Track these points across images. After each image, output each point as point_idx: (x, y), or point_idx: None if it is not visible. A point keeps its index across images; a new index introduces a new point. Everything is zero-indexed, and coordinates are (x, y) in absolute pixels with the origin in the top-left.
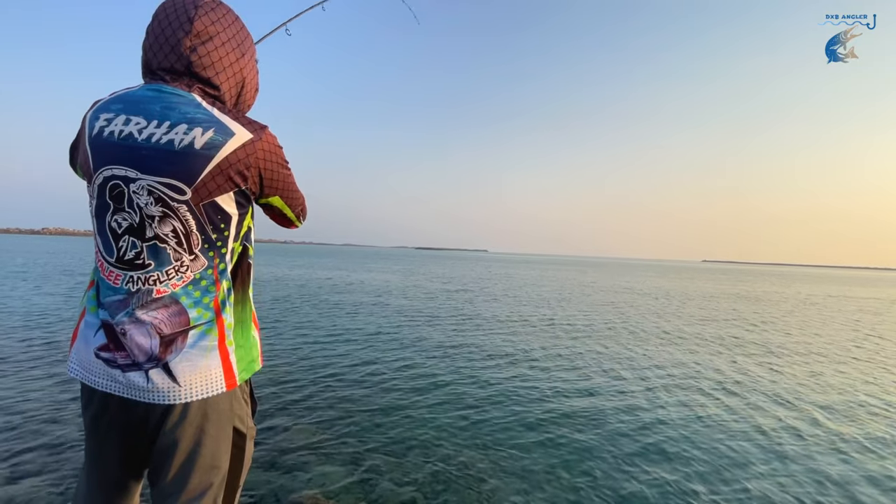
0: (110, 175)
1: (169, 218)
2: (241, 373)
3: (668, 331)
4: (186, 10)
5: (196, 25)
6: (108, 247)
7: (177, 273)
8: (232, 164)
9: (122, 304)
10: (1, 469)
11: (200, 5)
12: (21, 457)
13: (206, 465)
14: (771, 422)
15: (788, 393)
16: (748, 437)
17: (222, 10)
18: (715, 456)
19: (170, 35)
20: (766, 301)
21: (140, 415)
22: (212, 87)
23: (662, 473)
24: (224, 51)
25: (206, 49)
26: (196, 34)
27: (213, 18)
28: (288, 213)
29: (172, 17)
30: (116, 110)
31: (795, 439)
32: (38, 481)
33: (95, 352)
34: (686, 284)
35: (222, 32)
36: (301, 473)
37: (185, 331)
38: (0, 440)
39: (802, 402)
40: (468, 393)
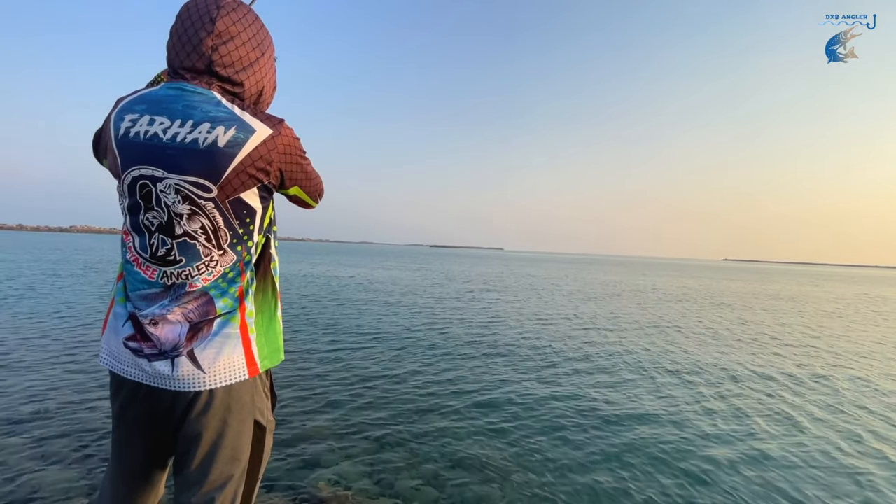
0: (138, 175)
1: (197, 215)
2: (262, 360)
3: (711, 333)
4: (209, 10)
5: (218, 25)
6: (142, 244)
7: (207, 268)
8: (254, 161)
9: (159, 297)
10: (33, 456)
11: (222, 6)
12: (52, 444)
13: (228, 457)
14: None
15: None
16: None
17: (243, 10)
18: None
19: (192, 35)
20: (804, 300)
21: (167, 404)
22: (232, 84)
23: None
24: (245, 50)
25: (227, 48)
26: (218, 34)
27: (235, 18)
28: (306, 199)
29: (195, 18)
30: (141, 111)
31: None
32: (68, 468)
33: (124, 341)
34: (713, 284)
35: (243, 32)
36: (317, 466)
37: (211, 320)
38: (32, 428)
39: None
40: (495, 394)
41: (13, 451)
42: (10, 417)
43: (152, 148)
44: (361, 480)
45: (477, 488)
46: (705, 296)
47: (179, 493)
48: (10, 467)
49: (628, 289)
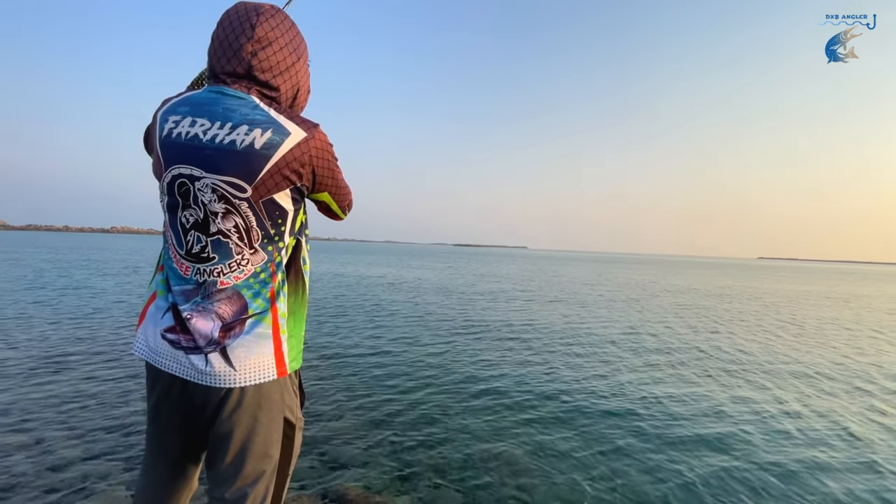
0: (178, 174)
1: (231, 214)
2: (290, 362)
3: (769, 334)
4: (249, 16)
5: (257, 31)
6: (179, 240)
7: (238, 266)
8: (288, 163)
9: (191, 294)
10: (75, 448)
11: (262, 12)
12: (94, 436)
13: (260, 453)
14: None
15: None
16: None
17: (281, 16)
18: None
19: (233, 41)
20: (859, 300)
21: (200, 399)
22: (269, 89)
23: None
24: (282, 55)
25: (265, 54)
26: (257, 39)
27: (273, 24)
28: (334, 208)
29: (236, 24)
30: (183, 112)
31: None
32: (109, 460)
33: (162, 333)
34: (756, 284)
35: (281, 38)
36: (345, 464)
37: (244, 319)
38: (75, 420)
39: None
40: (528, 400)
41: (61, 442)
42: (59, 410)
43: (192, 148)
44: (387, 480)
45: (503, 492)
46: (751, 296)
47: (213, 489)
48: (60, 457)
49: (665, 288)
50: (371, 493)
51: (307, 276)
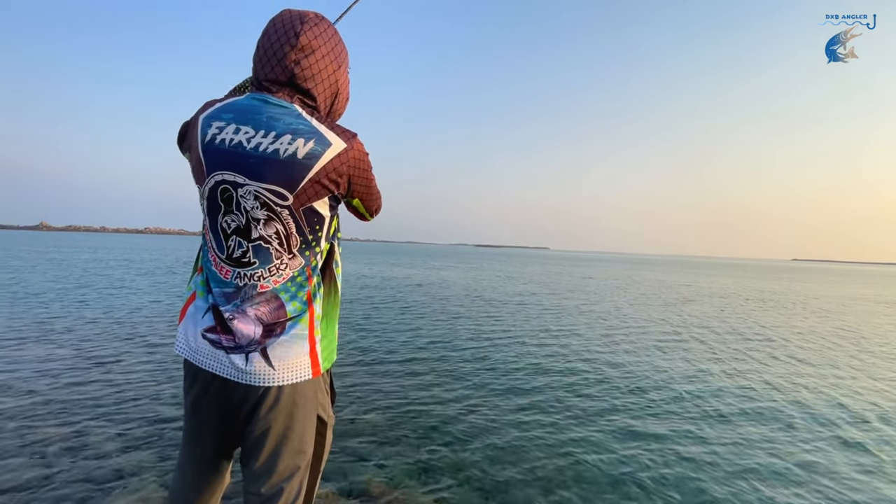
0: (221, 179)
1: (273, 221)
2: (323, 361)
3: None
4: (293, 25)
5: (301, 40)
6: (219, 244)
7: (278, 271)
8: (328, 173)
9: (231, 297)
10: (112, 441)
11: (306, 21)
12: (129, 430)
13: (295, 449)
14: None
15: None
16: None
17: (324, 24)
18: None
19: (277, 49)
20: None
21: (238, 397)
22: (310, 97)
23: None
24: (324, 63)
25: (308, 62)
26: (301, 48)
27: (317, 33)
28: (362, 211)
29: (280, 33)
30: (227, 119)
31: None
32: (143, 453)
33: (203, 333)
34: (797, 286)
35: (323, 46)
36: (368, 462)
37: (284, 321)
38: (112, 414)
39: None
40: (560, 404)
41: (98, 435)
42: (98, 404)
43: (236, 155)
44: (409, 476)
45: (526, 492)
46: (795, 301)
47: (249, 483)
48: (96, 449)
49: (703, 292)
50: (393, 488)
51: (339, 279)
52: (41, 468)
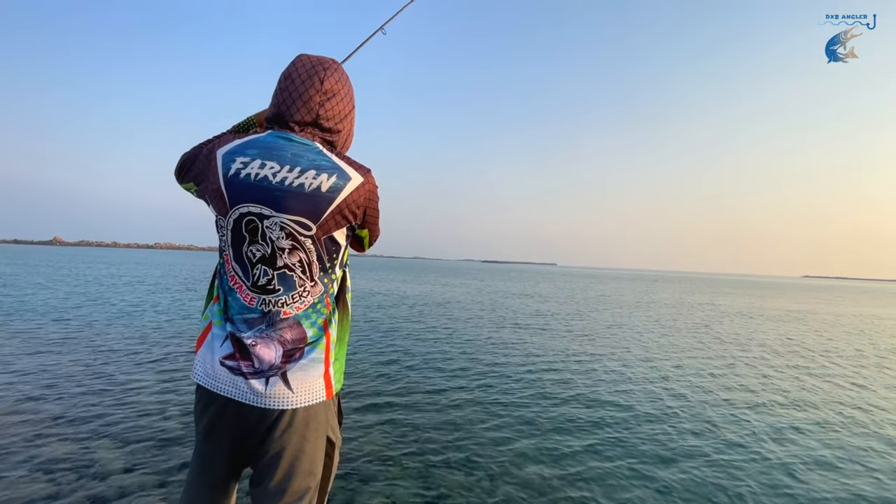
0: (246, 212)
1: (297, 250)
2: (336, 384)
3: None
4: (317, 71)
5: (325, 84)
6: (245, 273)
7: (300, 297)
8: (348, 205)
9: (255, 323)
10: (118, 461)
11: (327, 67)
12: (135, 449)
13: (306, 470)
14: None
15: None
16: None
17: (341, 70)
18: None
19: (303, 92)
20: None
21: (254, 421)
22: (330, 134)
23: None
24: (342, 105)
25: (330, 104)
26: (324, 92)
27: (337, 78)
28: (365, 242)
29: (305, 78)
30: (252, 154)
31: None
32: (148, 473)
33: (221, 360)
34: (818, 307)
35: (342, 90)
36: (372, 483)
37: (302, 347)
38: (118, 433)
39: None
40: (577, 429)
41: (104, 453)
42: (106, 423)
43: (262, 189)
44: (413, 497)
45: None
46: (822, 321)
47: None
48: (102, 467)
49: (728, 311)
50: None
51: (350, 304)
52: (48, 485)
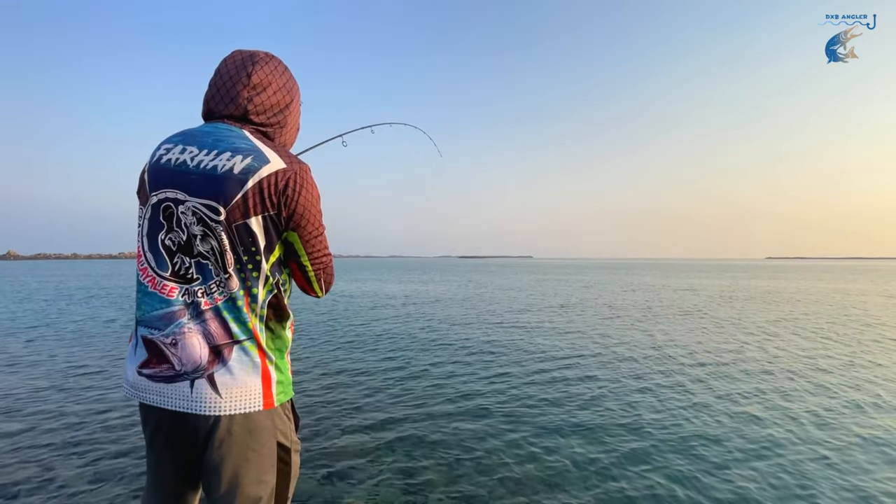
0: (164, 197)
1: (208, 237)
2: (278, 395)
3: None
4: (245, 65)
5: (253, 79)
6: (161, 263)
7: (218, 288)
8: (263, 188)
9: (177, 316)
10: (81, 478)
11: (257, 61)
12: (98, 463)
13: (254, 480)
14: None
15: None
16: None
17: (274, 62)
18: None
19: (230, 87)
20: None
21: (191, 427)
22: (263, 126)
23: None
24: (276, 98)
25: (260, 98)
26: (253, 86)
27: (268, 71)
28: (306, 266)
29: (233, 72)
30: (176, 141)
31: None
32: (114, 488)
33: (137, 370)
34: (788, 285)
35: (275, 82)
36: (350, 484)
37: (231, 344)
38: (79, 450)
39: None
40: (540, 416)
41: (67, 470)
42: (66, 438)
43: (179, 173)
44: (395, 496)
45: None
46: (798, 298)
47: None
48: (65, 485)
49: (714, 294)
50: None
51: (290, 316)
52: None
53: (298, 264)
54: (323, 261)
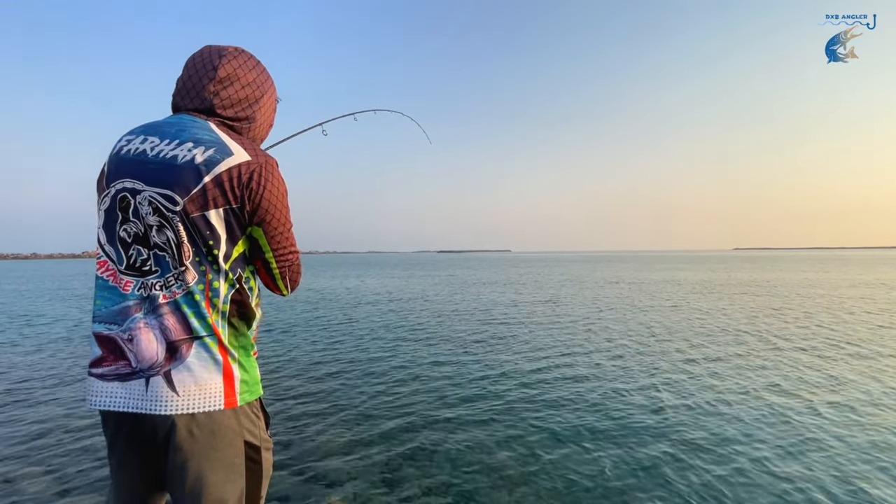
0: (121, 188)
1: (164, 228)
2: (242, 394)
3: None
4: (212, 59)
5: (219, 72)
6: (118, 255)
7: (176, 281)
8: (224, 181)
9: (133, 310)
10: (47, 486)
11: (224, 54)
12: (63, 470)
13: (221, 481)
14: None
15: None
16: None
17: (244, 56)
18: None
19: (196, 82)
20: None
21: (149, 430)
22: (231, 120)
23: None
24: (244, 92)
25: (227, 93)
26: (219, 80)
27: (236, 65)
28: (270, 262)
29: (199, 66)
30: (138, 132)
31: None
32: (80, 495)
33: (89, 370)
34: (771, 276)
35: (243, 77)
36: (330, 481)
37: (189, 340)
38: (45, 455)
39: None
40: (523, 410)
41: (31, 479)
42: (29, 446)
43: (137, 163)
44: (375, 492)
45: (495, 499)
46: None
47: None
48: (30, 495)
49: (695, 287)
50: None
51: (258, 309)
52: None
53: (263, 260)
54: (289, 258)
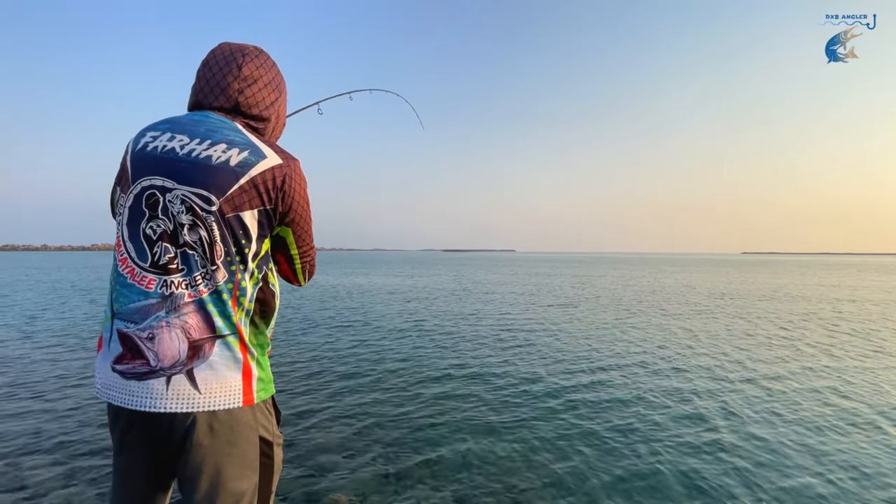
0: (148, 185)
1: (197, 227)
2: (259, 391)
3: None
4: (235, 57)
5: (244, 71)
6: (141, 252)
7: (203, 280)
8: (259, 183)
9: (154, 309)
10: (55, 480)
11: (247, 53)
12: (71, 464)
13: (237, 475)
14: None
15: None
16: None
17: (263, 56)
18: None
19: (220, 79)
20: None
21: (165, 429)
22: (254, 120)
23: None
24: (266, 92)
25: (251, 91)
26: (243, 78)
27: (258, 64)
28: (295, 258)
29: (223, 64)
30: (163, 129)
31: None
32: (87, 488)
33: (112, 365)
34: (782, 280)
35: (265, 76)
36: (334, 478)
37: (212, 339)
38: (51, 448)
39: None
40: (530, 411)
41: (39, 471)
42: (37, 436)
43: (167, 161)
44: (378, 486)
45: (497, 494)
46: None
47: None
48: (37, 486)
49: (715, 291)
50: (361, 500)
51: (274, 314)
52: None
53: (287, 256)
54: (310, 253)
